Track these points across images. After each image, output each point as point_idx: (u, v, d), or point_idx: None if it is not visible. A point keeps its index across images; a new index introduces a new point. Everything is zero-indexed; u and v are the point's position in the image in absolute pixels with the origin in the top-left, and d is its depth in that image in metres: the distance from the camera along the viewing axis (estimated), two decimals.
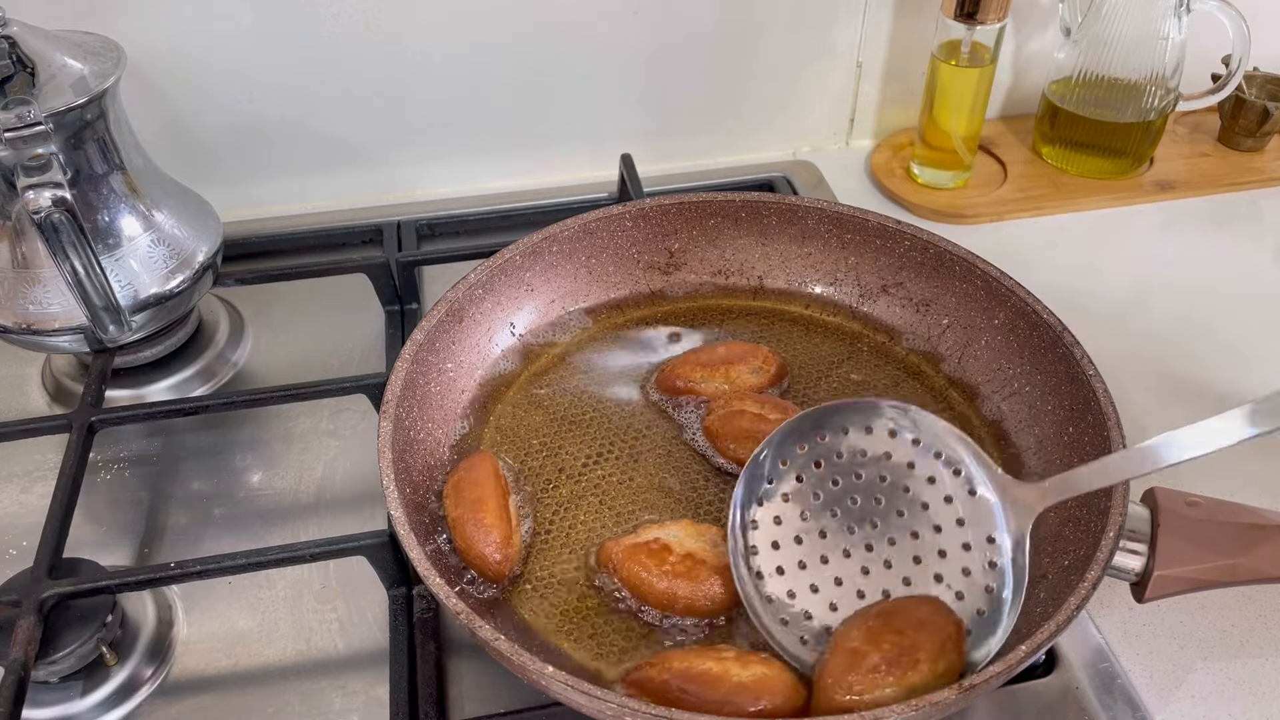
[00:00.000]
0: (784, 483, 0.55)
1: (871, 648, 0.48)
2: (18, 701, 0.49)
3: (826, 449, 0.55)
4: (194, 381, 0.74)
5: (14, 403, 0.73)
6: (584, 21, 0.85)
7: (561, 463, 0.63)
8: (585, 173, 0.93)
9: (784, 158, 0.97)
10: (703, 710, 0.46)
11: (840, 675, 0.47)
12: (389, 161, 0.90)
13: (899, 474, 0.54)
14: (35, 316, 0.66)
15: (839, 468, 0.55)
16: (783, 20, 0.89)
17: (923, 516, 0.53)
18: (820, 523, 0.54)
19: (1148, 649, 0.57)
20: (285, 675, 0.57)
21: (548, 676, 0.45)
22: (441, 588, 0.48)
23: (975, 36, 0.83)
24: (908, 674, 0.47)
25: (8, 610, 0.53)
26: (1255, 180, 0.93)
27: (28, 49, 0.61)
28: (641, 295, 0.74)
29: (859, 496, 0.54)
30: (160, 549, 0.63)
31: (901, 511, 0.54)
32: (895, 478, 0.54)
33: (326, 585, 0.61)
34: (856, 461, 0.55)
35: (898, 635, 0.48)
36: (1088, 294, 0.81)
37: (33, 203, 0.57)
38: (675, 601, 0.54)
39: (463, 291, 0.66)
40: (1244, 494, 0.56)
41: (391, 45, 0.83)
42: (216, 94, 0.83)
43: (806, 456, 0.55)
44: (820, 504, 0.55)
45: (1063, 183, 0.92)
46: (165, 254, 0.68)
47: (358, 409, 0.71)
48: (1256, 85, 0.95)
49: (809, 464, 0.55)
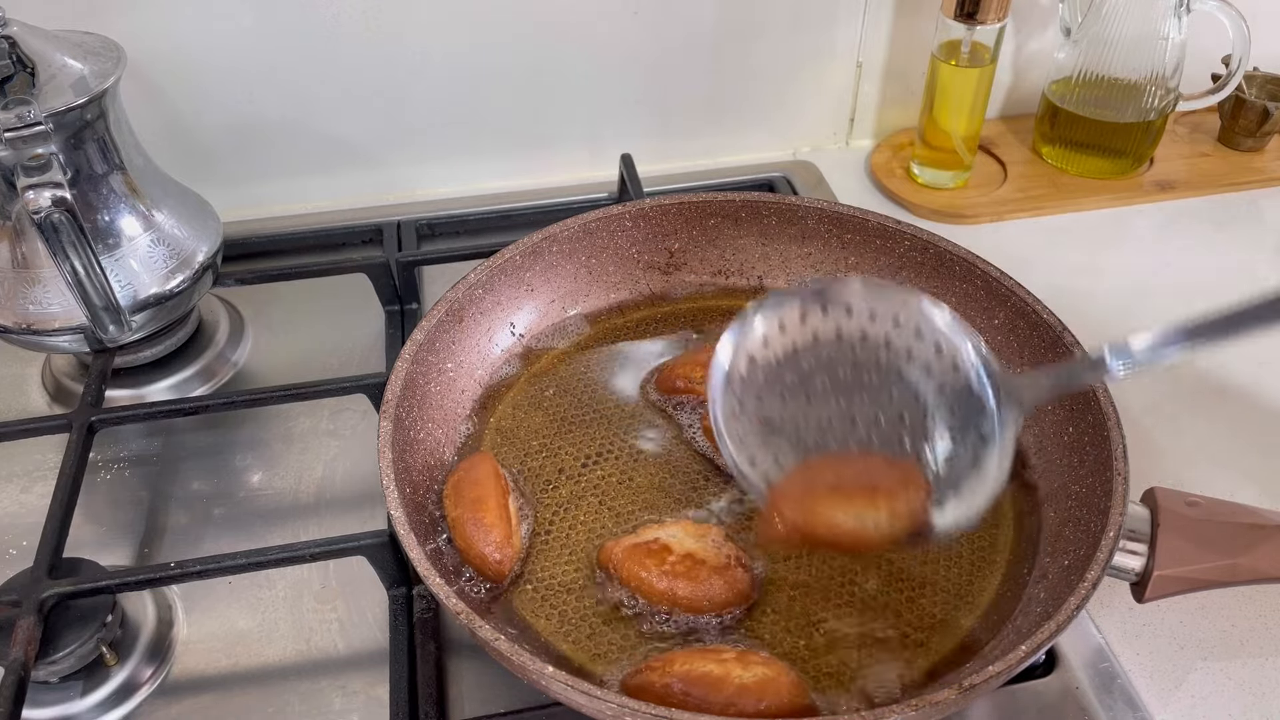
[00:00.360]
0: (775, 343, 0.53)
1: (829, 474, 0.48)
2: (18, 701, 0.49)
3: (827, 322, 0.53)
4: (194, 381, 0.74)
5: (14, 403, 0.73)
6: (584, 21, 0.85)
7: (561, 463, 0.63)
8: (585, 173, 0.93)
9: (784, 158, 0.97)
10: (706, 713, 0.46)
11: (791, 490, 0.47)
12: (389, 161, 0.90)
13: (897, 358, 0.52)
14: (35, 316, 0.66)
15: (836, 344, 0.53)
16: (783, 20, 0.89)
17: (913, 400, 0.52)
18: (807, 389, 0.53)
19: (1148, 649, 0.57)
20: (285, 675, 0.57)
21: (548, 676, 0.45)
22: (441, 588, 0.48)
23: (975, 36, 0.83)
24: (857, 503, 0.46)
25: (8, 610, 0.53)
26: (1255, 180, 0.93)
27: (28, 49, 0.61)
28: (642, 295, 0.74)
29: (851, 372, 0.53)
30: (160, 549, 0.63)
31: (892, 394, 0.52)
32: (892, 361, 0.52)
33: (326, 585, 0.61)
34: (856, 340, 0.53)
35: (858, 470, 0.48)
36: (1088, 294, 0.81)
37: (33, 203, 0.57)
38: (675, 601, 0.54)
39: (463, 291, 0.66)
40: (1244, 494, 0.56)
41: (391, 45, 0.83)
42: (216, 94, 0.83)
43: (805, 325, 0.53)
44: (810, 370, 0.53)
45: (1063, 183, 0.92)
46: (165, 254, 0.68)
47: (358, 409, 0.71)
48: (1256, 85, 0.95)
49: (809, 333, 0.53)
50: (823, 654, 0.53)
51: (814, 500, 0.48)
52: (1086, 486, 0.56)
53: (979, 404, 0.51)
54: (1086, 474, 0.56)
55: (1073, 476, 0.57)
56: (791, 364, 0.53)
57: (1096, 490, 0.54)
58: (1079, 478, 0.57)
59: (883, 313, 0.53)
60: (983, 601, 0.56)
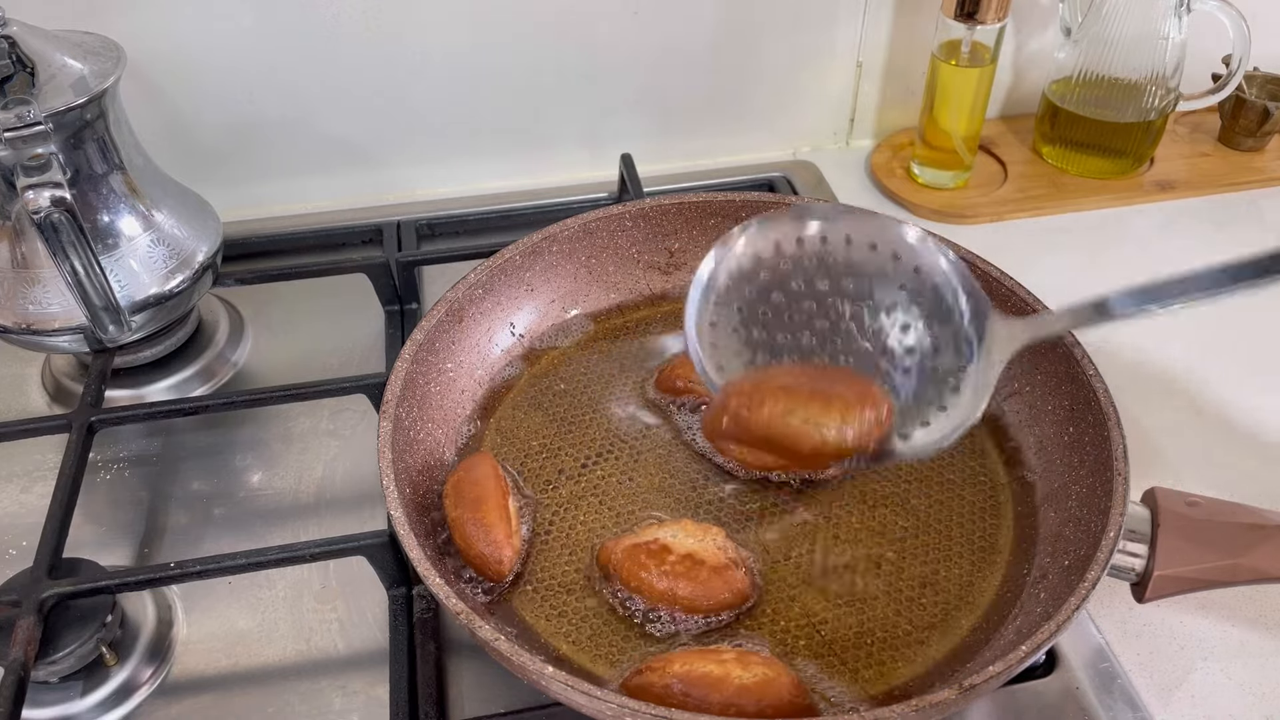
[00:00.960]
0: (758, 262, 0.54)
1: (788, 377, 0.48)
2: (18, 701, 0.49)
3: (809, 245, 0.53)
4: (194, 381, 0.74)
5: (14, 403, 0.73)
6: (584, 22, 0.85)
7: (561, 463, 0.63)
8: (585, 173, 0.93)
9: (784, 158, 0.97)
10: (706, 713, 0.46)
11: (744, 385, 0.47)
12: (389, 161, 0.90)
13: (889, 295, 0.53)
14: (35, 316, 0.66)
15: (818, 265, 0.53)
16: (783, 20, 0.89)
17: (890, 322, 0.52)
18: (786, 307, 0.53)
19: (1148, 649, 0.57)
20: (285, 675, 0.57)
21: (548, 677, 0.45)
22: (441, 588, 0.48)
23: (975, 36, 0.83)
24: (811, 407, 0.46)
25: (8, 610, 0.53)
26: (1255, 180, 0.93)
27: (28, 49, 0.61)
28: (642, 295, 0.74)
29: (830, 292, 0.53)
30: (160, 549, 0.63)
31: (881, 329, 0.52)
32: (884, 297, 0.53)
33: (326, 585, 0.61)
34: (847, 270, 0.53)
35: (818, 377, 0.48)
36: (1088, 294, 0.81)
37: (32, 203, 0.57)
38: (675, 601, 0.54)
39: (463, 291, 0.66)
40: (1244, 494, 0.56)
41: (391, 45, 0.83)
42: (216, 94, 0.83)
43: (788, 247, 0.54)
44: (790, 289, 0.53)
45: (1063, 183, 0.92)
46: (165, 254, 0.68)
47: (358, 409, 0.71)
48: (1256, 85, 0.95)
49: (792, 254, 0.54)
50: (823, 654, 0.53)
51: (764, 395, 0.48)
52: (1086, 486, 0.56)
53: (959, 330, 0.52)
54: (1086, 474, 0.56)
55: (1073, 476, 0.57)
56: (774, 282, 0.54)
57: (1096, 490, 0.54)
58: (1079, 478, 0.57)
59: (863, 237, 0.53)
60: (983, 601, 0.56)
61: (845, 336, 0.53)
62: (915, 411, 0.51)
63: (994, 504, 0.60)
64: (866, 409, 0.48)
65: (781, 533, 0.59)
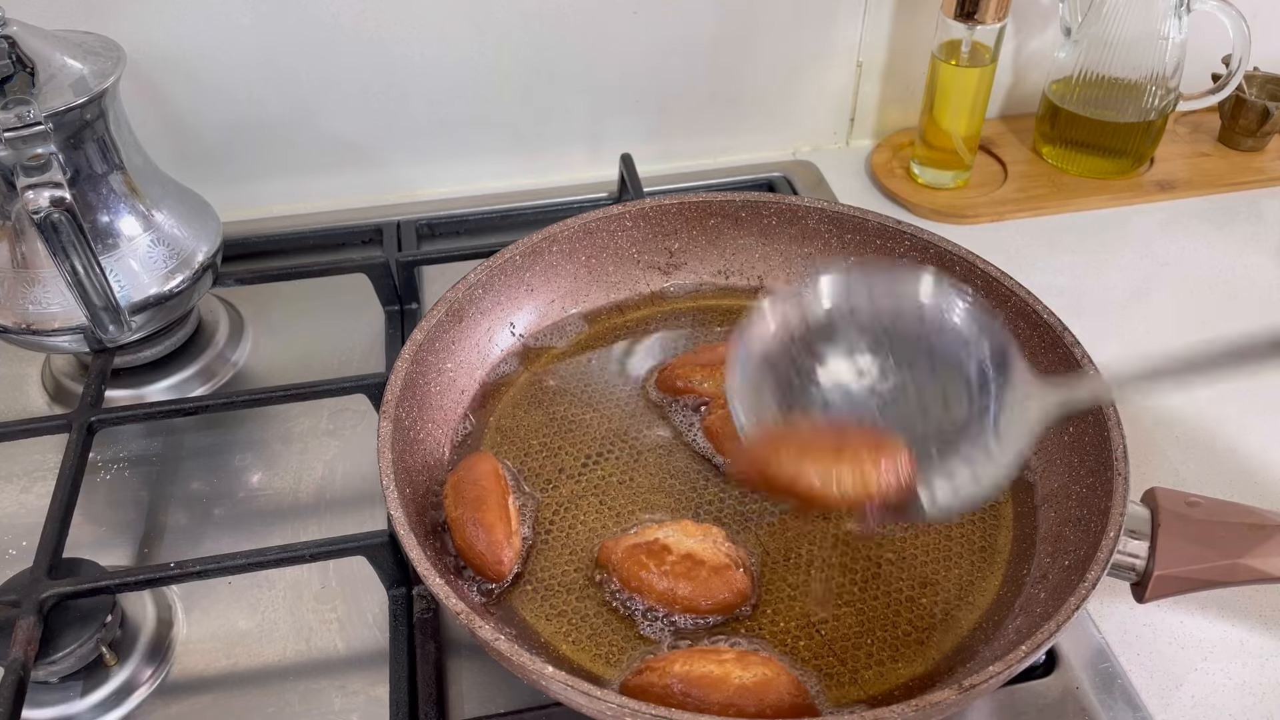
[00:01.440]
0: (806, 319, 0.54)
1: (814, 431, 0.49)
2: (18, 701, 0.49)
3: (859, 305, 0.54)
4: (194, 381, 0.74)
5: (14, 403, 0.73)
6: (584, 22, 0.85)
7: (561, 463, 0.63)
8: (585, 173, 0.93)
9: (784, 158, 0.97)
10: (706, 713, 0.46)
11: (769, 433, 0.49)
12: (389, 161, 0.90)
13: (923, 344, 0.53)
14: (35, 316, 0.66)
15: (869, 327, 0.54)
16: (783, 20, 0.89)
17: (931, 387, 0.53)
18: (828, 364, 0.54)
19: (1148, 649, 0.57)
20: (285, 675, 0.57)
21: (548, 677, 0.45)
22: (441, 588, 0.48)
23: (975, 36, 0.83)
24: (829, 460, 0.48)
25: (8, 610, 0.53)
26: (1255, 180, 0.93)
27: (28, 49, 0.61)
28: (641, 295, 0.74)
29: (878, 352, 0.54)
30: (160, 549, 0.63)
31: (913, 389, 0.53)
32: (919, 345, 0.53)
33: (326, 585, 0.61)
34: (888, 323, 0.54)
35: (844, 434, 0.49)
36: (1088, 294, 0.81)
37: (32, 203, 0.57)
38: (675, 601, 0.54)
39: (463, 291, 0.66)
40: (1244, 494, 0.56)
41: (391, 45, 0.83)
42: (216, 93, 0.83)
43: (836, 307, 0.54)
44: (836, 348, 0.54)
45: (1063, 183, 0.92)
46: (165, 254, 0.68)
47: (358, 409, 0.71)
48: (1256, 85, 0.95)
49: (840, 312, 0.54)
50: (823, 654, 0.53)
51: (786, 444, 0.49)
52: (1086, 486, 0.56)
53: (990, 392, 0.51)
54: (1086, 474, 0.56)
55: (1073, 476, 0.57)
56: (820, 338, 0.54)
57: (1097, 490, 0.54)
58: (1079, 478, 0.57)
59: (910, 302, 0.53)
60: (983, 601, 0.56)
61: (879, 396, 0.53)
62: (943, 470, 0.51)
63: (993, 504, 0.60)
64: (888, 468, 0.48)
65: (781, 533, 0.59)
